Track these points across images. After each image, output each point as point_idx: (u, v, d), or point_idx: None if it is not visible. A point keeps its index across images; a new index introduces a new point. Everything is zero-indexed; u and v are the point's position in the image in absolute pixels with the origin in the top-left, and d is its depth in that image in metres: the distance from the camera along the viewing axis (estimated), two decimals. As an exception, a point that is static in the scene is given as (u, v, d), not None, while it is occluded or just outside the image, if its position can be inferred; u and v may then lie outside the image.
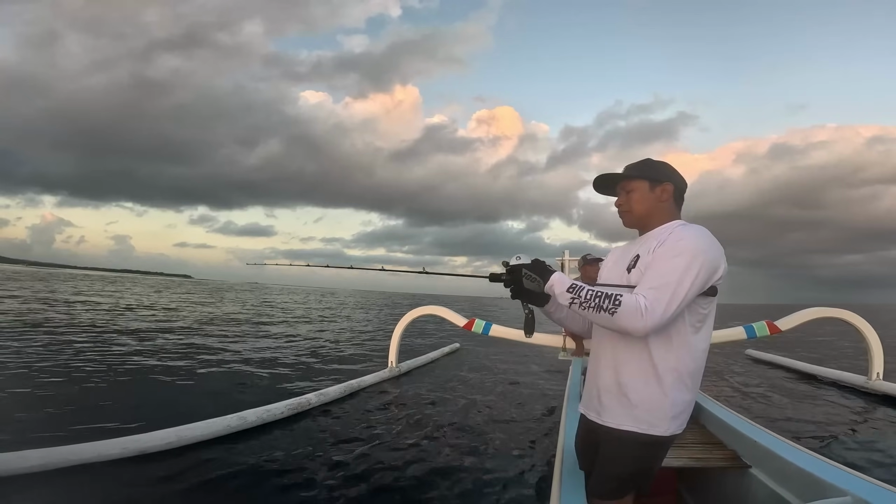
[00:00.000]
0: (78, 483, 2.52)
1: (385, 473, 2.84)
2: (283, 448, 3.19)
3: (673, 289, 1.10)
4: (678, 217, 1.32)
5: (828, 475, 1.49)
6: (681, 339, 1.19)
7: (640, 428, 1.20)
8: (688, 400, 1.22)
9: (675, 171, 1.32)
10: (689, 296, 1.12)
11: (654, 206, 1.29)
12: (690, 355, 1.20)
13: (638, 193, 1.30)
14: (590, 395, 1.36)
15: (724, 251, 1.19)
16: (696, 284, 1.13)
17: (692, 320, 1.20)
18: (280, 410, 3.81)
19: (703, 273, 1.13)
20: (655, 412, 1.19)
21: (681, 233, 1.20)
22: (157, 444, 2.96)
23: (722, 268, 1.17)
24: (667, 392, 1.18)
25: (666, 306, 1.09)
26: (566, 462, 1.65)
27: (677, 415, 1.20)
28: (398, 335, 5.93)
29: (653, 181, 1.29)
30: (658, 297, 1.10)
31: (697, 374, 1.23)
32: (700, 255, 1.13)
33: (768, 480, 1.75)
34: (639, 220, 1.33)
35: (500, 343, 7.39)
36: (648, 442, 1.20)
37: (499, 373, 6.50)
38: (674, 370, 1.19)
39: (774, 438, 1.94)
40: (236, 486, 2.63)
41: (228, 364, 6.47)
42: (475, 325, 5.42)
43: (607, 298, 1.11)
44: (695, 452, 2.14)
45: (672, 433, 1.20)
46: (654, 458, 1.25)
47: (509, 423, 3.97)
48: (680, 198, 1.32)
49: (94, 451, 2.73)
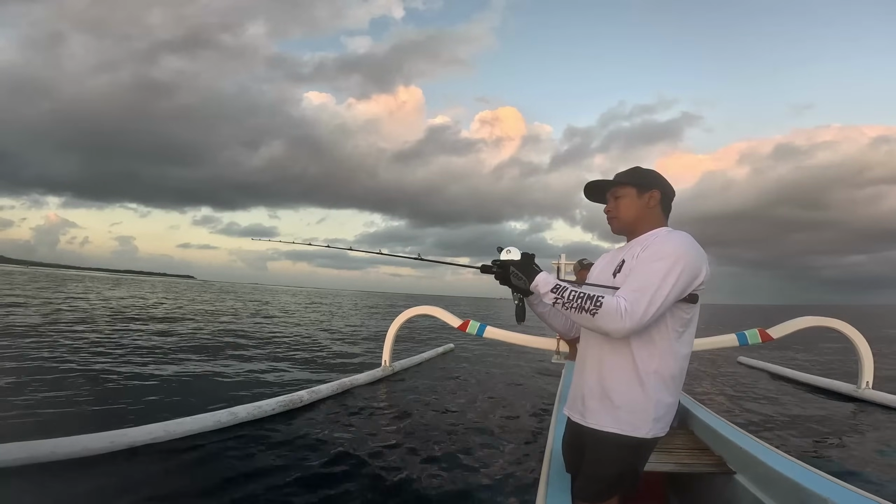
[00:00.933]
0: (65, 477, 2.50)
1: (373, 472, 2.84)
2: (273, 444, 3.19)
3: (653, 292, 1.12)
4: (665, 224, 1.34)
5: (810, 483, 1.51)
6: (663, 343, 1.21)
7: (623, 430, 1.21)
8: (670, 403, 1.24)
9: (662, 179, 1.34)
10: (668, 299, 1.14)
11: (642, 213, 1.32)
12: (673, 359, 1.22)
13: (626, 200, 1.33)
14: (574, 398, 1.37)
15: (706, 258, 1.21)
16: (676, 288, 1.14)
17: (674, 325, 1.21)
18: (271, 407, 3.81)
19: (684, 278, 1.15)
20: (638, 414, 1.20)
21: (665, 238, 1.24)
22: (145, 438, 2.95)
23: (703, 274, 1.19)
24: (649, 395, 1.20)
25: (645, 309, 1.11)
26: (553, 465, 1.66)
27: (660, 417, 1.22)
28: (392, 334, 5.93)
29: (640, 188, 1.32)
30: (638, 299, 1.12)
31: (679, 378, 1.25)
32: (681, 259, 1.15)
33: (752, 486, 1.76)
34: (626, 226, 1.35)
35: (495, 345, 7.41)
36: (632, 444, 1.22)
37: (492, 374, 6.51)
38: (655, 373, 1.21)
39: (760, 445, 1.95)
40: (225, 481, 2.63)
41: (220, 361, 6.45)
42: (470, 327, 5.43)
43: (589, 299, 1.14)
44: (683, 457, 2.15)
45: (654, 435, 1.22)
46: (638, 459, 1.26)
47: (500, 425, 3.97)
48: (667, 205, 1.35)
49: (81, 445, 2.72)
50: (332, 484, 2.65)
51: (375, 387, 5.19)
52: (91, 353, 6.18)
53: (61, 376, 4.74)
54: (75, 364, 5.37)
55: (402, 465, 2.98)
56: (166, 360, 6.11)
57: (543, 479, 1.63)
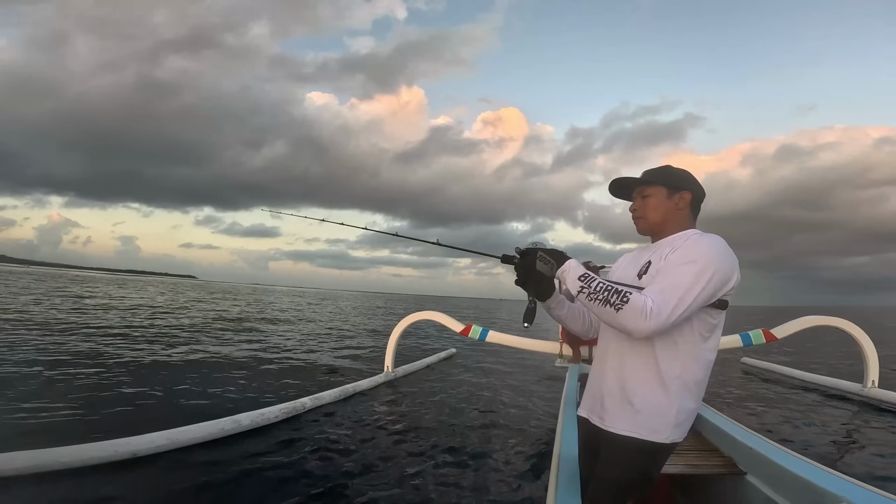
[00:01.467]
0: (68, 486, 2.48)
1: (377, 479, 2.82)
2: (277, 452, 3.16)
3: (681, 294, 1.09)
4: (693, 226, 1.29)
5: (823, 481, 1.49)
6: (688, 347, 1.17)
7: (642, 434, 1.18)
8: (692, 408, 1.21)
9: (694, 180, 1.29)
10: (696, 303, 1.11)
11: (670, 214, 1.27)
12: (697, 364, 1.19)
13: (654, 199, 1.28)
14: (593, 399, 1.34)
15: (738, 263, 1.17)
16: (704, 292, 1.11)
17: (700, 329, 1.18)
18: (274, 414, 3.79)
19: (714, 282, 1.12)
20: (659, 419, 1.18)
21: (697, 240, 1.19)
22: (148, 447, 2.92)
23: (734, 280, 1.15)
24: (672, 400, 1.17)
25: (671, 311, 1.08)
26: (563, 468, 1.64)
27: (681, 423, 1.19)
28: (395, 340, 5.91)
29: (671, 188, 1.27)
30: (665, 300, 1.09)
31: (703, 384, 1.21)
32: (713, 263, 1.12)
33: (764, 487, 1.74)
34: (653, 226, 1.30)
35: (497, 349, 7.37)
36: (650, 449, 1.19)
37: (495, 379, 6.47)
38: (679, 378, 1.17)
39: (770, 445, 1.93)
40: (229, 489, 2.61)
41: (223, 368, 6.43)
42: (472, 331, 5.41)
43: (616, 293, 1.10)
44: (691, 459, 2.13)
45: (674, 441, 1.19)
46: (655, 465, 1.24)
47: (505, 429, 3.95)
48: (697, 207, 1.30)
49: (86, 454, 2.70)
50: (337, 491, 2.63)
51: (378, 392, 5.16)
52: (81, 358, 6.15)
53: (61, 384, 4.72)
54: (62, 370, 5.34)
55: (406, 471, 2.95)
56: (161, 367, 6.08)
57: (553, 482, 1.61)
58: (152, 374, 5.65)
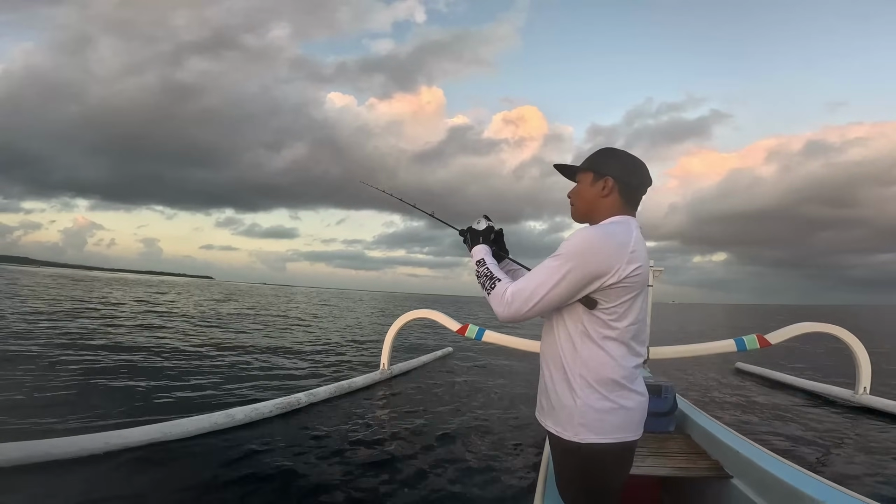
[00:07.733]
0: (60, 478, 2.49)
1: (369, 476, 2.83)
2: (270, 446, 3.18)
3: (534, 287, 1.09)
4: (627, 213, 1.19)
5: (807, 487, 1.51)
6: (585, 346, 1.13)
7: (559, 432, 1.15)
8: (600, 409, 1.11)
9: (622, 164, 1.19)
10: (551, 297, 1.09)
11: (596, 201, 1.20)
12: (600, 364, 1.12)
13: (581, 186, 1.24)
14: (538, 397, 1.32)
15: (629, 258, 1.08)
16: (560, 287, 1.08)
17: (593, 328, 1.12)
18: (269, 409, 3.80)
19: (572, 278, 1.07)
20: (564, 416, 1.14)
21: (575, 234, 1.13)
22: (141, 439, 2.94)
23: (607, 278, 1.07)
24: (576, 398, 1.12)
25: (523, 303, 1.10)
26: (549, 470, 1.66)
27: (588, 424, 1.10)
28: (391, 337, 5.93)
29: (596, 174, 1.20)
30: (519, 290, 1.12)
31: (613, 385, 1.11)
32: (574, 259, 1.07)
33: (749, 491, 1.77)
34: (581, 214, 1.24)
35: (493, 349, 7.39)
36: (570, 448, 1.13)
37: (490, 378, 6.50)
38: (580, 377, 1.13)
39: (756, 449, 1.96)
40: (221, 483, 2.62)
41: (219, 362, 6.44)
42: (468, 331, 5.43)
43: (490, 279, 1.18)
44: (679, 462, 2.15)
45: (587, 442, 1.10)
46: (585, 467, 1.13)
47: (497, 428, 3.96)
48: (629, 193, 1.19)
49: (77, 446, 2.71)
50: (329, 487, 2.64)
51: (373, 390, 5.18)
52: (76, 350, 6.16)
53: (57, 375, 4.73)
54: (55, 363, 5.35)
55: (398, 468, 2.97)
56: (156, 361, 6.09)
57: (541, 481, 1.63)
58: (145, 369, 5.65)
